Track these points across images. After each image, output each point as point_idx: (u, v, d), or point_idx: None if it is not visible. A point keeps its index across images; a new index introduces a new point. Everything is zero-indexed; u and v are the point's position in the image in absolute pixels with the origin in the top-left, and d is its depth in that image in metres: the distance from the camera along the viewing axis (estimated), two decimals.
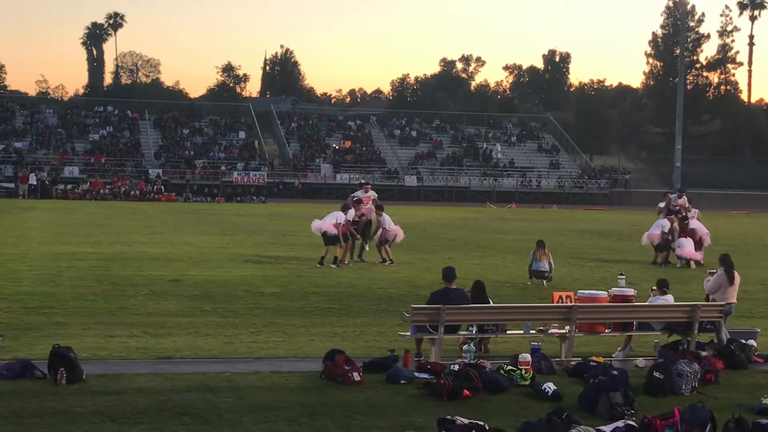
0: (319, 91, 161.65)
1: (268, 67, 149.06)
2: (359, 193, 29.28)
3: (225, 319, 17.55)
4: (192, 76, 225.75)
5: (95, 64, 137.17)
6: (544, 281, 23.49)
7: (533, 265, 23.88)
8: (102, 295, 19.96)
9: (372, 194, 29.68)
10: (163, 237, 34.78)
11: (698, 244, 30.14)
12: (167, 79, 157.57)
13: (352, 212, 27.51)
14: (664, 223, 30.21)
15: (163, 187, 71.62)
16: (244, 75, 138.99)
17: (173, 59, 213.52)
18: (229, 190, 76.15)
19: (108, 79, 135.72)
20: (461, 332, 14.49)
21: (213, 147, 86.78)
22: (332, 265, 26.04)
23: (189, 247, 30.83)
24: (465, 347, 13.95)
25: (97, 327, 16.25)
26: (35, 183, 68.33)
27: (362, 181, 32.93)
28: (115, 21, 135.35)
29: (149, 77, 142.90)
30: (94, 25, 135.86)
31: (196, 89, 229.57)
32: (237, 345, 15.07)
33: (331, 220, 26.49)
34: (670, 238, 30.18)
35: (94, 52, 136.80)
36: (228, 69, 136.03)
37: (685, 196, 32.61)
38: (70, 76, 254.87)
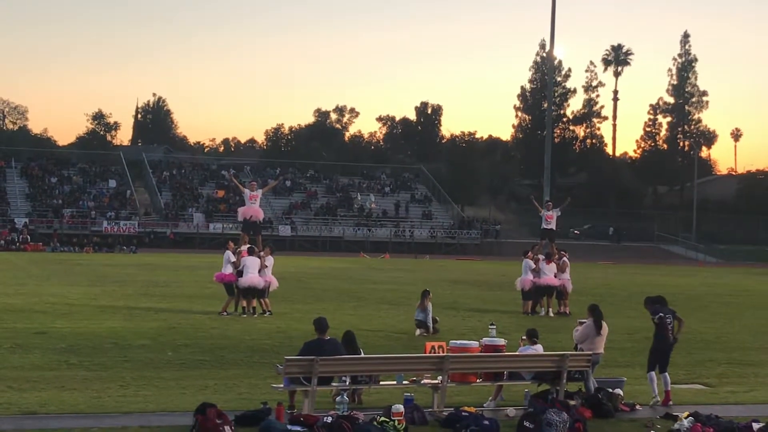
0: (192, 139, 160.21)
1: (139, 116, 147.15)
2: (246, 191, 29.81)
3: (92, 372, 17.12)
4: (61, 123, 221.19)
5: None
6: (429, 331, 23.83)
7: (415, 315, 24.43)
8: None
9: (258, 192, 29.83)
10: (29, 288, 33.84)
11: (561, 294, 31.03)
12: (35, 127, 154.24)
13: (229, 254, 27.57)
14: (530, 263, 30.98)
15: (29, 237, 69.76)
16: (115, 123, 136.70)
17: (41, 106, 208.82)
18: (98, 240, 74.51)
19: None
20: (334, 383, 14.44)
21: (82, 196, 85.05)
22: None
23: (55, 298, 30.07)
24: (338, 399, 13.90)
25: None
26: None
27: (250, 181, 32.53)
28: None
29: (16, 124, 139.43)
30: None
31: (65, 137, 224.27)
32: (105, 399, 14.68)
33: (254, 271, 26.78)
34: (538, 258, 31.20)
35: None
36: (98, 117, 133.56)
37: (553, 210, 33.58)
38: None
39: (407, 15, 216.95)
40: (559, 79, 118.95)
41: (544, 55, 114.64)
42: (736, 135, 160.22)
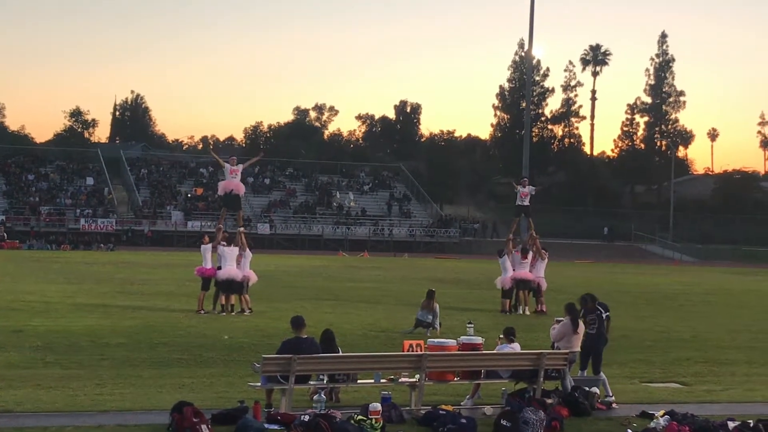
0: (170, 137, 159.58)
1: (118, 113, 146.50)
2: (227, 165, 29.00)
3: (69, 370, 17.04)
4: (38, 120, 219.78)
5: None
6: (428, 330, 23.86)
7: (418, 315, 24.47)
8: None
9: (239, 167, 29.16)
10: (5, 286, 33.65)
11: (537, 291, 31.10)
12: (12, 124, 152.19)
13: (205, 247, 27.65)
14: (506, 260, 31.03)
15: (6, 234, 69.38)
16: (93, 120, 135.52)
17: (18, 103, 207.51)
18: (73, 237, 74.09)
19: None
20: (312, 382, 14.42)
21: (59, 193, 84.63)
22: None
23: (32, 296, 29.91)
24: (316, 397, 13.89)
25: None
26: None
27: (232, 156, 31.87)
28: None
29: None
30: None
31: (42, 134, 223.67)
32: (81, 398, 14.61)
33: (232, 262, 26.67)
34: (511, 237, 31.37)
35: None
36: (76, 114, 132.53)
37: (529, 185, 33.49)
38: None
39: (387, 13, 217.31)
40: (537, 78, 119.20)
41: (523, 54, 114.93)
42: (713, 135, 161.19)
